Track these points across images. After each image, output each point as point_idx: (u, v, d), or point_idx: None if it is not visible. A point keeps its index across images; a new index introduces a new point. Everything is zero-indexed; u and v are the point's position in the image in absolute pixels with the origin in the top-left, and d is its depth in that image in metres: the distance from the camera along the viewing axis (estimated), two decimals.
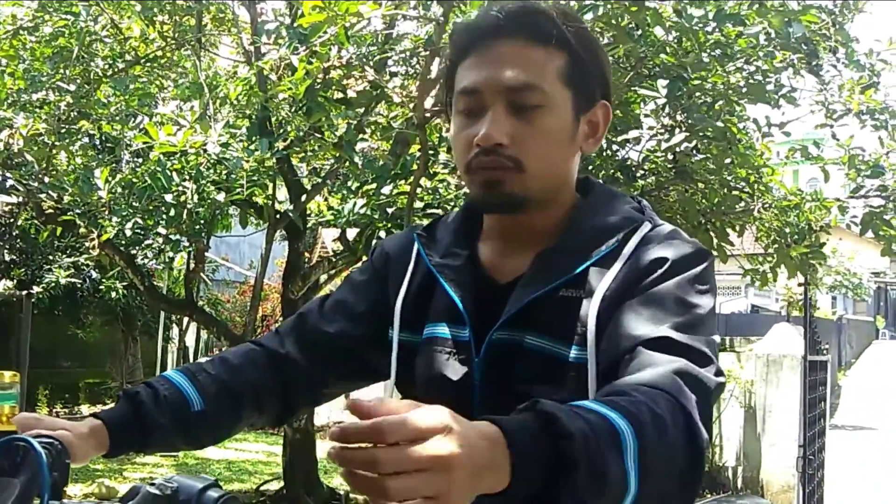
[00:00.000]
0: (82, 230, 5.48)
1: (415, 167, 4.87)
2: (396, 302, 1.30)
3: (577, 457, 0.78)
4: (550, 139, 1.16)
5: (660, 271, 1.11)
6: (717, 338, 1.11)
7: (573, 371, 1.11)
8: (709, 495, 8.13)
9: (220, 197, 4.57)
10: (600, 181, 1.32)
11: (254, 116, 4.98)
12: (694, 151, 5.16)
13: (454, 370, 1.21)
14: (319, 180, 5.71)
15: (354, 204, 5.14)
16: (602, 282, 1.13)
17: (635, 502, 0.84)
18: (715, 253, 5.72)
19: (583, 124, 1.20)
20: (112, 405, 1.26)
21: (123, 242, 6.03)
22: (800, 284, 6.75)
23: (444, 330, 1.23)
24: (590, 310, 1.11)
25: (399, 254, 1.35)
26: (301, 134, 4.85)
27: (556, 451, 0.78)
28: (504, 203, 1.17)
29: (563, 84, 1.16)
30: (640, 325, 1.06)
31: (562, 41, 1.16)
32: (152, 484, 0.99)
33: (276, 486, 6.98)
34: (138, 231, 5.14)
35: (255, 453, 9.24)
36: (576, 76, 1.17)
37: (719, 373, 1.04)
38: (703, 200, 5.56)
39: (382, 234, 5.01)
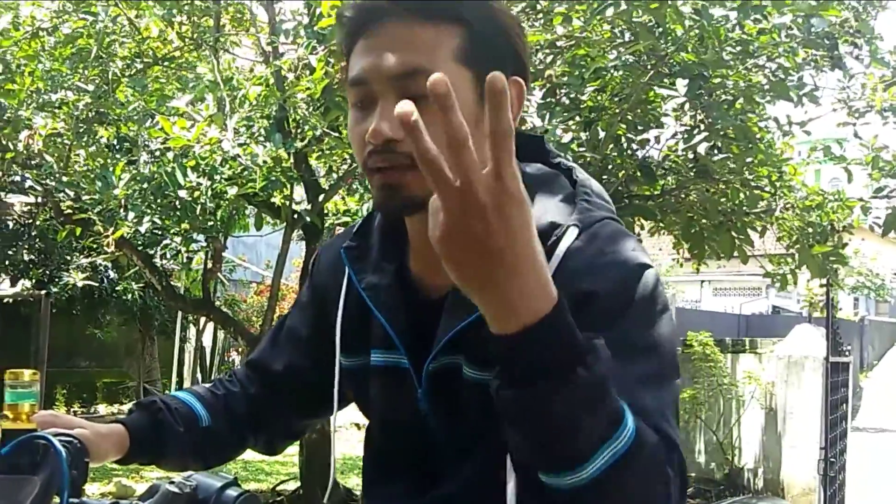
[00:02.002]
0: (99, 229, 5.49)
1: None
2: (336, 325, 1.21)
3: (577, 389, 0.76)
4: None
5: (593, 312, 0.96)
6: (676, 380, 0.99)
7: None
8: (728, 497, 8.07)
9: (233, 190, 4.57)
10: (524, 163, 1.12)
11: (271, 116, 4.98)
12: (714, 151, 5.12)
13: (402, 401, 1.13)
14: (337, 180, 5.70)
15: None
16: None
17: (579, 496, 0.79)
18: (736, 254, 5.67)
19: None
20: (129, 413, 1.26)
21: (141, 242, 6.04)
22: (821, 285, 6.69)
23: (384, 357, 1.15)
24: None
25: (333, 270, 1.24)
26: (318, 133, 4.85)
27: (565, 375, 0.75)
28: (406, 208, 1.03)
29: (462, 65, 1.01)
30: None
31: (460, 18, 1.02)
32: (172, 482, 0.98)
33: (292, 486, 6.98)
34: (155, 230, 5.15)
35: None
36: (477, 54, 1.02)
37: (683, 469, 0.90)
38: (724, 200, 5.51)
39: None
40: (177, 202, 4.72)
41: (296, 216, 5.65)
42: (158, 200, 4.73)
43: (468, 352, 1.05)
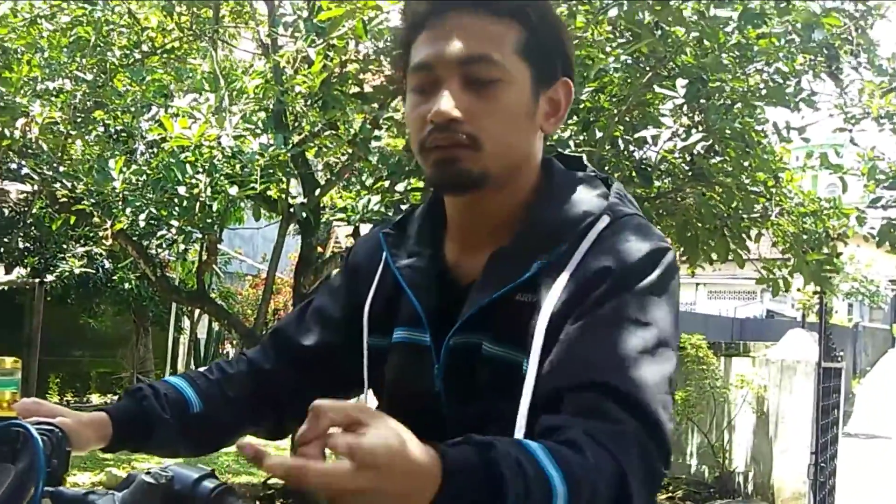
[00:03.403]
0: (96, 220, 5.48)
1: None
2: (365, 306, 1.26)
3: None
4: (508, 115, 1.09)
5: (604, 286, 1.03)
6: (673, 357, 1.03)
7: (526, 381, 1.05)
8: (718, 500, 8.09)
9: (234, 191, 4.56)
10: (562, 165, 1.22)
11: (269, 109, 4.97)
12: (712, 153, 5.12)
13: (418, 376, 1.17)
14: (333, 175, 5.69)
15: (369, 200, 5.13)
16: (553, 288, 1.06)
17: None
18: (731, 258, 5.67)
19: (543, 102, 1.14)
20: (118, 400, 1.26)
21: (137, 233, 6.03)
22: (815, 292, 6.70)
23: (408, 335, 1.20)
24: (538, 320, 1.05)
25: (369, 255, 1.31)
26: (316, 129, 4.84)
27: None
28: (459, 182, 1.10)
29: (521, 58, 1.09)
30: (585, 357, 1.00)
31: (519, 13, 1.10)
32: (148, 473, 0.98)
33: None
34: (152, 222, 5.14)
35: (263, 446, 9.23)
36: (535, 51, 1.11)
37: (663, 445, 0.95)
38: (720, 204, 5.52)
39: None
40: (175, 199, 4.70)
41: (292, 210, 5.65)
42: (157, 195, 4.71)
43: (490, 329, 1.10)
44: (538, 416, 0.98)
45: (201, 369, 1.37)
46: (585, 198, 1.14)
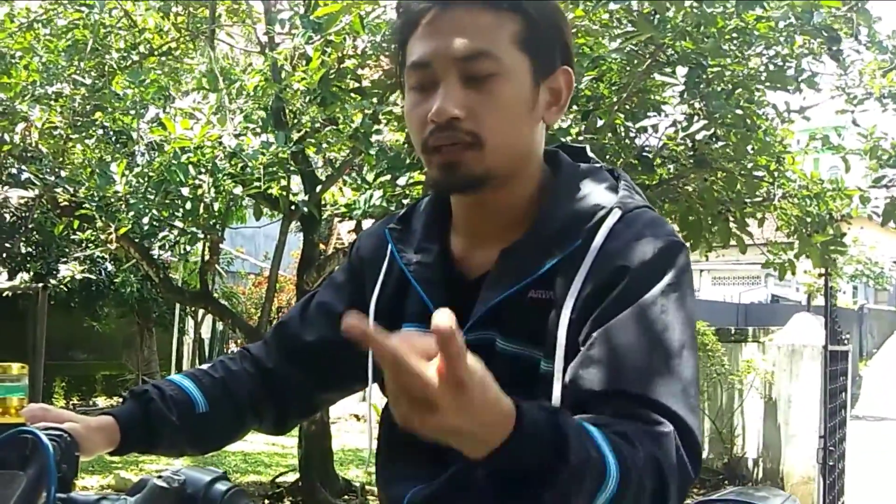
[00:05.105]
0: (98, 224, 5.47)
1: None
2: (371, 301, 1.24)
3: (560, 483, 0.82)
4: (508, 109, 1.08)
5: (622, 286, 1.03)
6: (695, 357, 1.04)
7: (544, 380, 1.06)
8: (728, 486, 8.08)
9: (238, 190, 4.55)
10: (568, 157, 1.22)
11: (269, 107, 4.95)
12: (713, 139, 5.10)
13: None
14: (334, 171, 5.68)
15: (370, 196, 5.12)
16: (572, 287, 1.06)
17: None
18: (734, 243, 5.67)
19: (543, 92, 1.12)
20: (120, 404, 1.26)
21: (139, 235, 6.03)
22: (820, 275, 6.68)
23: (417, 331, 1.15)
24: (560, 320, 1.05)
25: (374, 250, 1.30)
26: (316, 125, 4.83)
27: (545, 467, 0.81)
28: (464, 184, 1.10)
29: (519, 50, 1.08)
30: (613, 365, 1.00)
31: (514, 5, 1.08)
32: (160, 477, 0.97)
33: (291, 477, 6.99)
34: (154, 223, 5.14)
35: (271, 445, 9.25)
36: (532, 41, 1.09)
37: (694, 450, 0.97)
38: (723, 189, 5.50)
39: None
40: (178, 200, 4.69)
41: (293, 207, 5.63)
42: (159, 197, 4.70)
43: (503, 325, 1.10)
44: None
45: (204, 366, 1.37)
46: (595, 191, 1.14)
